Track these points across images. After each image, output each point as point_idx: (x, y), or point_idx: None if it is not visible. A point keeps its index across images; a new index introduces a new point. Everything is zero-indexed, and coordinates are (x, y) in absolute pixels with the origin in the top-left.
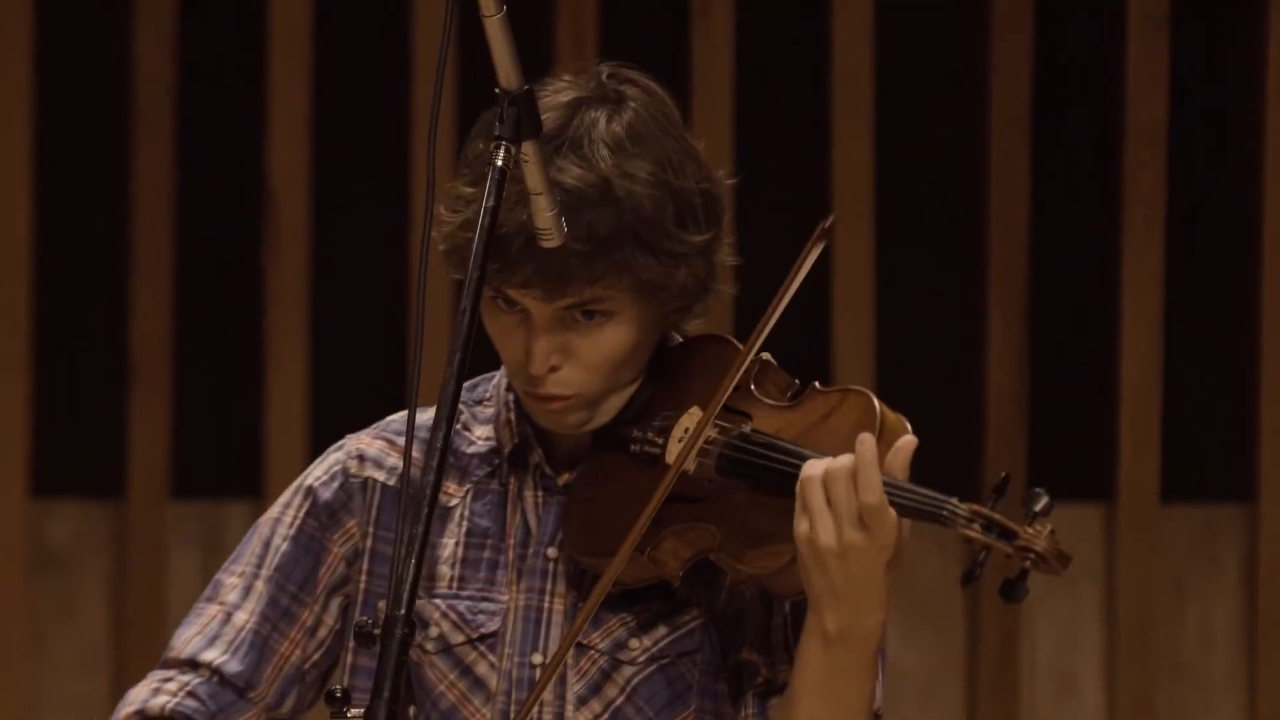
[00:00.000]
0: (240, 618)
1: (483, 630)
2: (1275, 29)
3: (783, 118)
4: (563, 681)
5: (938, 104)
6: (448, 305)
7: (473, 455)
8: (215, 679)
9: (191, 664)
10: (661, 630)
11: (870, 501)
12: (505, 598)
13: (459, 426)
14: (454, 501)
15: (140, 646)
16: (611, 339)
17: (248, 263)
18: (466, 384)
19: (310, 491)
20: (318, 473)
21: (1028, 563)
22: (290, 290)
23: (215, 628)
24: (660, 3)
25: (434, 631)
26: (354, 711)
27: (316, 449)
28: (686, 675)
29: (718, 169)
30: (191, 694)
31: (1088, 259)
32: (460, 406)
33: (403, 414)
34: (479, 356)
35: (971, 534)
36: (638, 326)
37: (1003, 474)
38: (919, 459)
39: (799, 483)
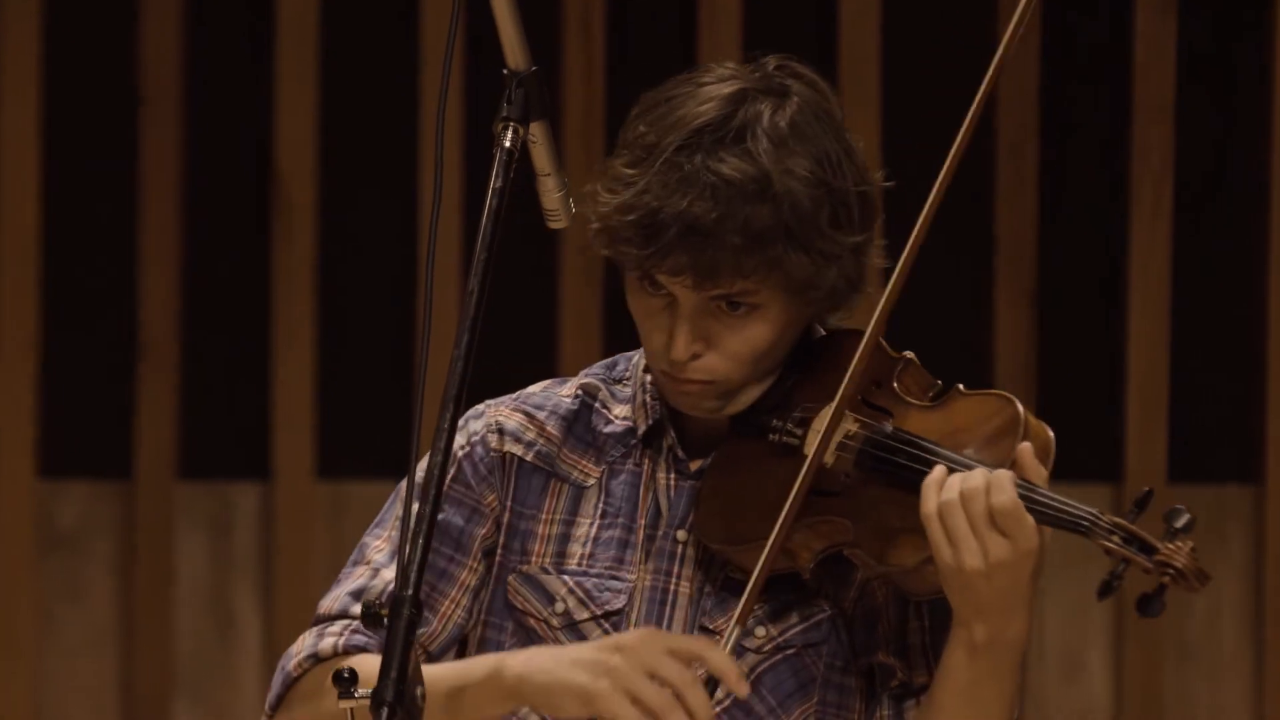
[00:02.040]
0: (390, 574)
1: (608, 607)
2: None
3: None
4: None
5: (945, 87)
6: (456, 286)
7: (609, 435)
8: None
9: (344, 615)
10: (789, 620)
11: (1003, 504)
12: (633, 577)
13: (597, 405)
14: (590, 481)
15: (148, 627)
16: (755, 332)
17: (256, 244)
18: (605, 362)
19: (454, 459)
20: (460, 442)
21: (1166, 578)
22: (298, 272)
23: (363, 583)
24: None
25: (560, 607)
26: (361, 691)
27: (324, 430)
28: (811, 667)
29: (875, 170)
30: (356, 631)
31: (1096, 241)
32: (598, 384)
33: (541, 384)
34: (486, 338)
35: (1111, 546)
36: (783, 322)
37: (1146, 489)
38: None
39: (939, 507)
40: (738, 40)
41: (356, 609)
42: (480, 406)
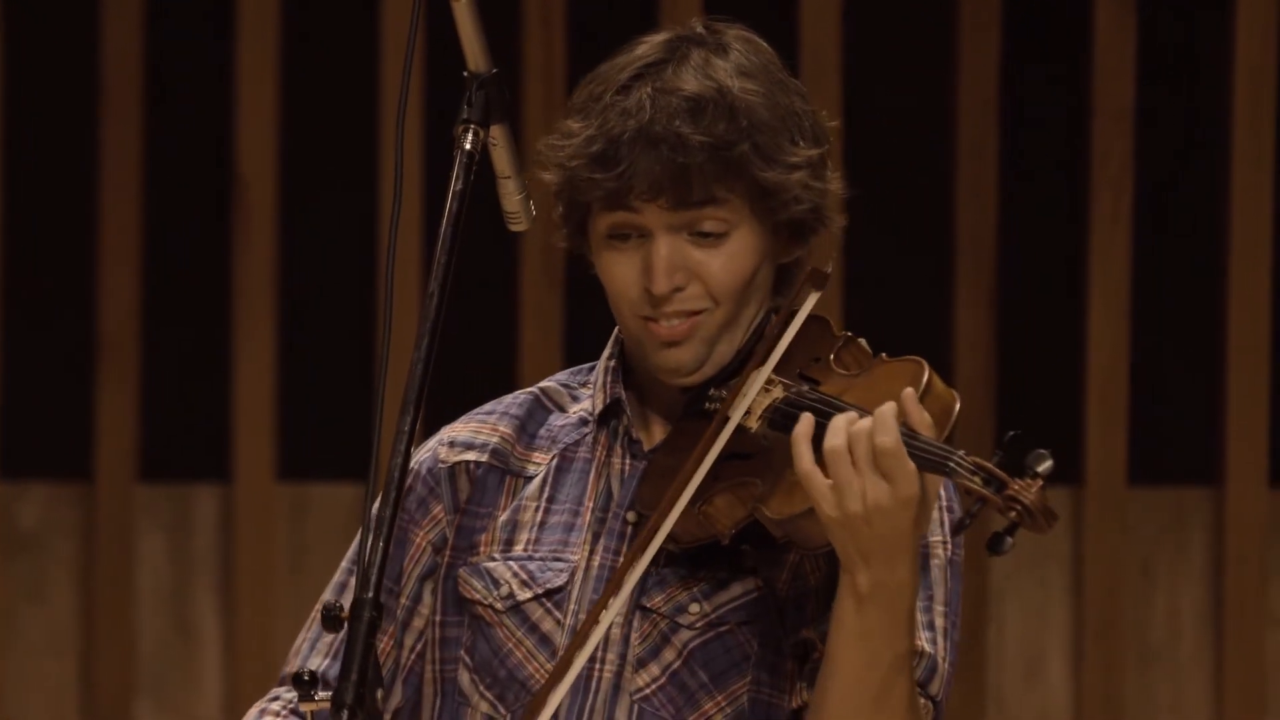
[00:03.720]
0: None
1: (549, 585)
2: (1244, 11)
3: None
4: (625, 643)
5: (905, 88)
6: (416, 288)
7: (563, 425)
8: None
9: (298, 678)
10: (722, 597)
11: (885, 444)
12: (575, 557)
13: (551, 403)
14: (539, 470)
15: (108, 628)
16: (731, 254)
17: (216, 246)
18: (571, 370)
19: (405, 487)
20: (411, 464)
21: (1014, 514)
22: (259, 274)
23: (316, 631)
24: None
25: (504, 590)
26: (321, 695)
27: (284, 432)
28: (745, 645)
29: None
30: (294, 712)
31: (1055, 243)
32: (559, 387)
33: (495, 400)
34: (447, 340)
35: (972, 485)
36: (754, 245)
37: (1010, 432)
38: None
39: (826, 453)
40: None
41: (312, 664)
42: (438, 431)
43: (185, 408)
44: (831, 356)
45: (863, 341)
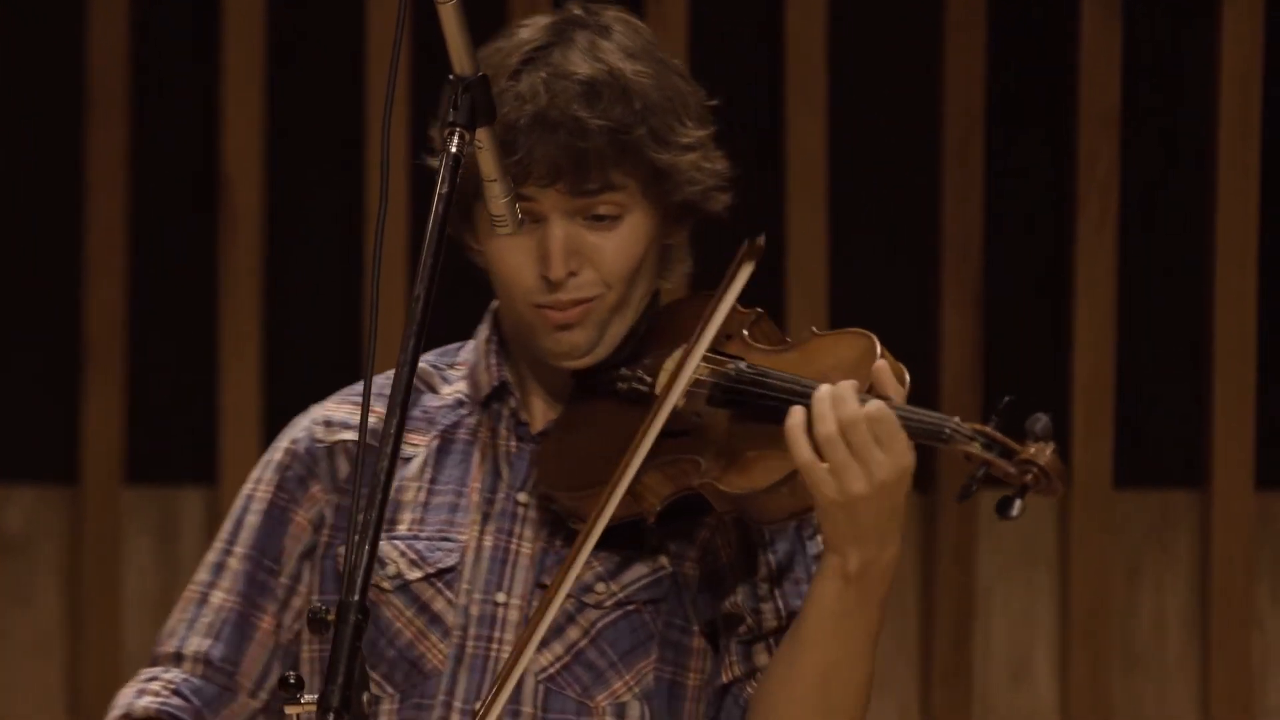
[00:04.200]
0: (216, 598)
1: (440, 565)
2: (1229, 15)
3: (736, 105)
4: (525, 623)
5: (891, 93)
6: (402, 290)
7: (440, 407)
8: (200, 669)
9: (176, 657)
10: (629, 576)
11: (881, 423)
12: (464, 537)
13: (423, 387)
14: (419, 450)
15: (95, 632)
16: (625, 238)
17: (202, 248)
18: (437, 350)
19: (280, 464)
20: (284, 444)
21: (1029, 477)
22: (245, 275)
23: (193, 611)
24: None
25: (391, 570)
26: (307, 697)
27: (271, 434)
28: (650, 624)
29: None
30: (176, 692)
31: (1042, 246)
32: (429, 368)
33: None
34: (432, 344)
35: (973, 451)
36: (646, 228)
37: (1005, 398)
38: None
39: (821, 440)
40: (685, 42)
41: (190, 646)
42: (309, 409)
43: (171, 410)
44: (745, 332)
45: (766, 315)
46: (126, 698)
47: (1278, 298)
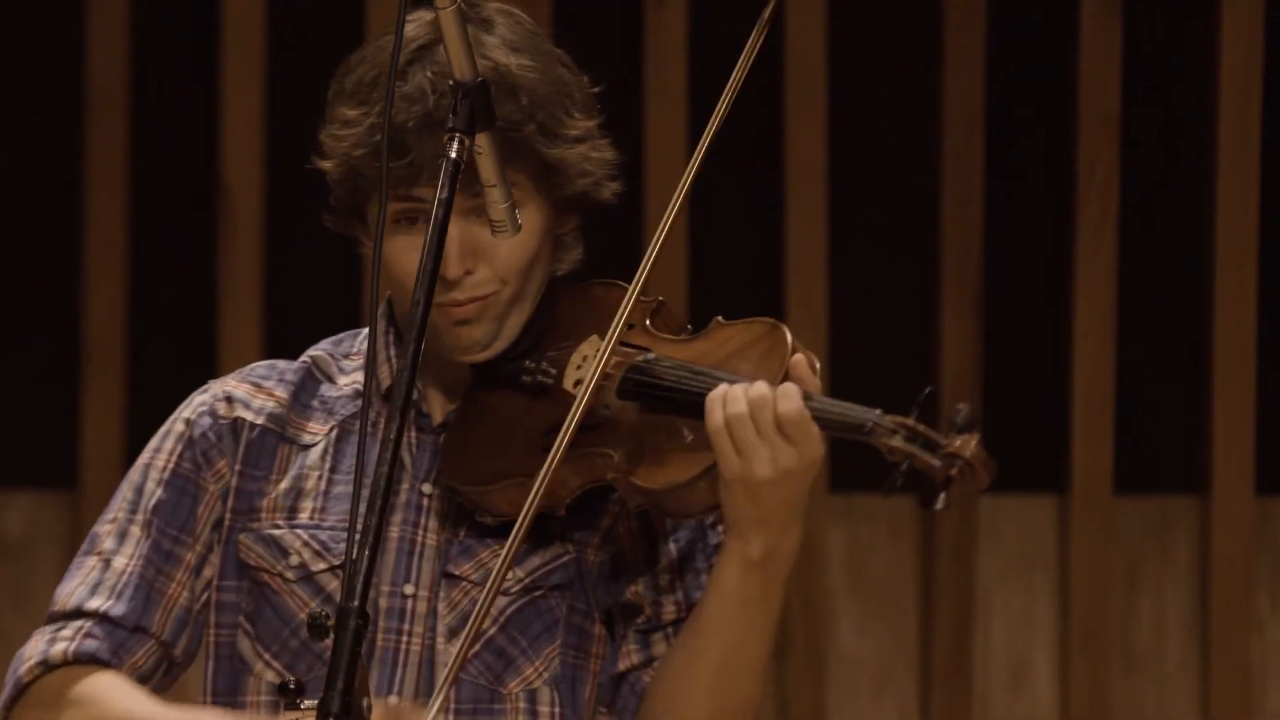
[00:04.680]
0: (120, 562)
1: (344, 558)
2: (1229, 18)
3: (736, 110)
4: (434, 614)
5: (891, 96)
6: None
7: (337, 398)
8: (105, 622)
9: (78, 613)
10: (534, 562)
11: (790, 411)
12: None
13: (320, 374)
14: (317, 439)
15: None
16: (519, 234)
17: (202, 253)
18: (331, 339)
19: (182, 435)
20: (185, 414)
21: (954, 470)
22: (244, 280)
23: (96, 576)
24: None
25: (294, 560)
26: (307, 703)
27: None
28: (555, 609)
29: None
30: (88, 635)
31: (1041, 249)
32: (325, 356)
33: (264, 362)
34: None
35: (895, 445)
36: (540, 221)
37: (926, 389)
38: (875, 453)
39: (725, 420)
40: (685, 49)
41: (92, 604)
42: (205, 384)
43: (171, 414)
44: (647, 321)
45: (667, 302)
46: (37, 648)
47: (1278, 302)
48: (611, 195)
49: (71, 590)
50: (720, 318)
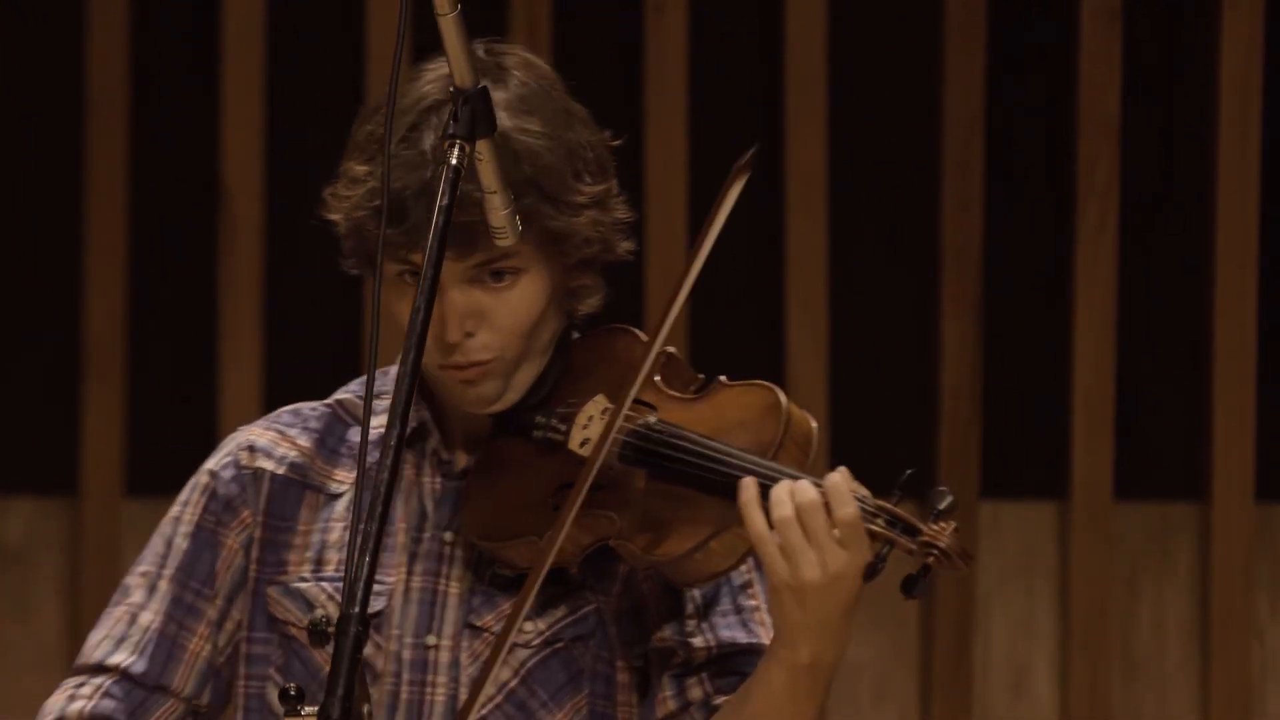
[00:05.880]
0: (145, 618)
1: (369, 610)
2: (1229, 22)
3: (736, 115)
4: (456, 665)
5: (891, 100)
6: None
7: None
8: (125, 680)
9: (100, 668)
10: (556, 614)
11: (848, 517)
12: (392, 579)
13: (349, 417)
14: (344, 488)
15: None
16: (522, 298)
17: (202, 259)
18: (359, 380)
19: (206, 487)
20: (211, 466)
21: (931, 559)
22: (244, 286)
23: (122, 629)
24: (614, 1)
25: (319, 613)
26: (308, 710)
27: None
28: (580, 660)
29: (602, 130)
30: (107, 694)
31: (1041, 256)
32: (354, 399)
33: (291, 407)
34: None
35: (875, 529)
36: (545, 284)
37: (907, 471)
38: (874, 458)
39: (774, 523)
40: (685, 53)
41: (114, 659)
42: (235, 431)
43: (171, 421)
44: (657, 377)
45: (677, 354)
46: (56, 704)
47: (1278, 307)
48: (624, 254)
49: (97, 643)
50: (723, 378)
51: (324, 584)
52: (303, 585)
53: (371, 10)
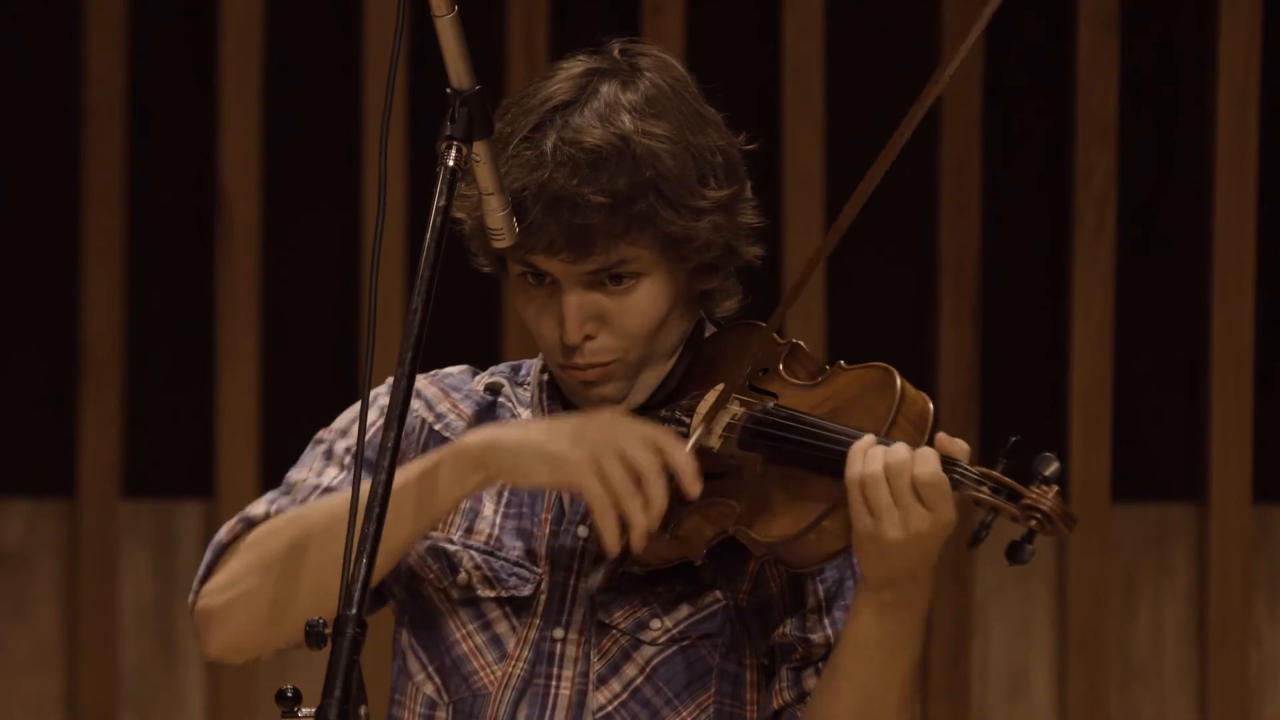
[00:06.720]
0: (332, 473)
1: (515, 593)
2: (1226, 27)
3: (734, 119)
4: (586, 660)
5: (889, 104)
6: (400, 304)
7: None
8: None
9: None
10: (683, 611)
11: (929, 476)
12: (540, 569)
13: (502, 400)
14: None
15: (93, 645)
16: (642, 301)
17: (200, 262)
18: (509, 364)
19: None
20: (381, 390)
21: (1033, 523)
22: (242, 289)
23: (304, 493)
24: (612, 3)
25: (462, 578)
26: (305, 710)
27: (268, 448)
28: (707, 658)
29: (738, 134)
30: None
31: (1039, 258)
32: (504, 382)
33: (456, 368)
34: (430, 355)
35: (981, 496)
36: (667, 288)
37: (1012, 438)
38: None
39: (860, 478)
40: (683, 57)
41: (318, 480)
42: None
43: (169, 424)
44: (780, 366)
45: (803, 345)
46: (235, 518)
47: (1275, 311)
48: (752, 259)
49: (274, 499)
50: (842, 362)
51: (473, 552)
52: (450, 547)
53: (369, 13)
